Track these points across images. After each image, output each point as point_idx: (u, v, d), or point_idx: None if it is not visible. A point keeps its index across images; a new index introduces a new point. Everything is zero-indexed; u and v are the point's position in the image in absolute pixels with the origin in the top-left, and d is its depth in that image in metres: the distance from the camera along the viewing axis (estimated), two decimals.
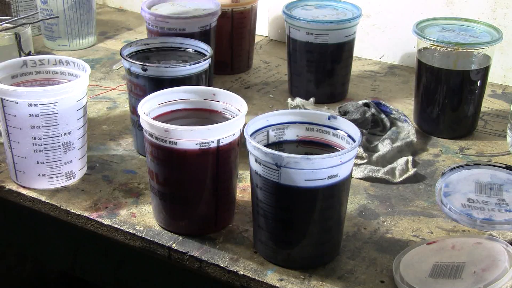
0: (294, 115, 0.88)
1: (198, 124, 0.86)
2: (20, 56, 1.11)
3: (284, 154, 0.77)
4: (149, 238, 0.90)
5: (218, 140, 0.85)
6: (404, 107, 1.26)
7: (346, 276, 0.83)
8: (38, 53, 1.42)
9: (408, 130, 1.13)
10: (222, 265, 0.85)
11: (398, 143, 1.09)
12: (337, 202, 0.82)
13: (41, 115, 0.94)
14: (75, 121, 0.97)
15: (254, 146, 0.80)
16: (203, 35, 1.21)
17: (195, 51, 1.09)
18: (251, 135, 0.84)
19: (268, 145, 0.87)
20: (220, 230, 0.91)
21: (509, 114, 1.12)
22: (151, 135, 0.86)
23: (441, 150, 1.12)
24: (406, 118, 1.15)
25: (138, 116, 0.88)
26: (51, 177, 0.98)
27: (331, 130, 0.87)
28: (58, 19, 1.45)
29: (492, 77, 1.33)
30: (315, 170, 0.78)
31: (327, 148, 0.87)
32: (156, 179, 0.88)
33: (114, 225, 0.92)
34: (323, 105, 1.24)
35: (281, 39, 1.56)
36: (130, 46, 1.07)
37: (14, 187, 1.00)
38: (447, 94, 1.13)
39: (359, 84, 1.37)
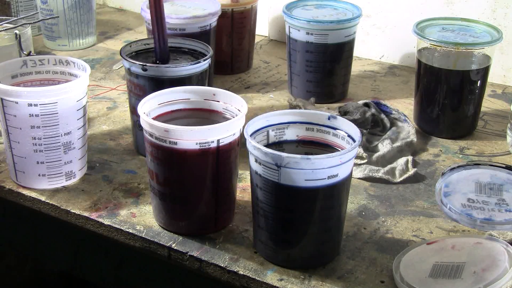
0: (294, 115, 0.88)
1: (198, 124, 0.86)
2: (20, 56, 1.11)
3: (284, 154, 0.78)
4: (149, 238, 0.90)
5: (218, 140, 0.85)
6: (404, 107, 1.26)
7: (346, 276, 0.83)
8: (38, 53, 1.42)
9: (408, 130, 1.13)
10: (222, 265, 0.85)
11: (398, 143, 1.09)
12: (337, 202, 0.82)
13: (41, 115, 0.94)
14: (75, 121, 0.97)
15: (254, 146, 0.80)
16: (203, 35, 1.21)
17: (195, 51, 1.09)
18: (251, 135, 0.84)
19: (268, 145, 0.87)
20: (220, 230, 0.91)
21: (509, 114, 1.12)
22: (151, 135, 0.86)
23: (441, 150, 1.12)
24: (406, 118, 1.15)
25: (138, 116, 0.88)
26: (51, 177, 0.98)
27: (331, 130, 0.87)
28: (58, 19, 1.45)
29: (492, 77, 1.33)
30: (315, 170, 0.78)
31: (327, 148, 0.87)
32: (156, 179, 0.88)
33: (114, 225, 0.92)
34: (323, 105, 1.24)
35: (281, 39, 1.56)
36: (130, 46, 1.07)
37: (14, 187, 1.00)
38: (447, 94, 1.13)
39: (359, 84, 1.37)
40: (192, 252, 0.87)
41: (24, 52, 1.11)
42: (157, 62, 1.04)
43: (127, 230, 0.91)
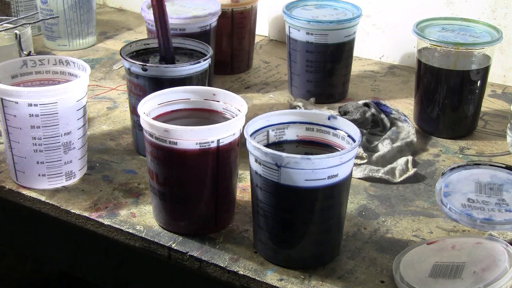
0: (294, 115, 0.88)
1: (198, 124, 0.86)
2: (20, 56, 1.11)
3: (284, 154, 0.77)
4: (149, 238, 0.90)
5: (218, 140, 0.85)
6: (404, 107, 1.26)
7: (346, 276, 0.83)
8: (38, 53, 1.42)
9: (408, 130, 1.13)
10: (222, 265, 0.85)
11: (398, 143, 1.09)
12: (337, 202, 0.82)
13: (41, 115, 0.94)
14: (75, 121, 0.97)
15: (254, 146, 0.80)
16: (203, 35, 1.21)
17: (195, 51, 1.09)
18: (251, 135, 0.84)
19: (268, 145, 0.87)
20: (220, 230, 0.91)
21: (509, 114, 1.12)
22: (151, 135, 0.86)
23: (441, 150, 1.12)
24: (406, 118, 1.15)
25: (138, 116, 0.88)
26: (51, 177, 0.98)
27: (331, 130, 0.87)
28: (58, 19, 1.45)
29: (492, 77, 1.33)
30: (315, 170, 0.78)
31: (327, 148, 0.87)
32: (156, 179, 0.88)
33: (114, 225, 0.92)
34: (323, 105, 1.24)
35: (281, 39, 1.56)
36: (130, 46, 1.07)
37: (14, 187, 1.00)
38: (447, 94, 1.13)
39: (359, 84, 1.37)
40: (192, 252, 0.87)
41: (24, 52, 1.11)
42: (163, 62, 1.04)
43: (127, 230, 0.91)
